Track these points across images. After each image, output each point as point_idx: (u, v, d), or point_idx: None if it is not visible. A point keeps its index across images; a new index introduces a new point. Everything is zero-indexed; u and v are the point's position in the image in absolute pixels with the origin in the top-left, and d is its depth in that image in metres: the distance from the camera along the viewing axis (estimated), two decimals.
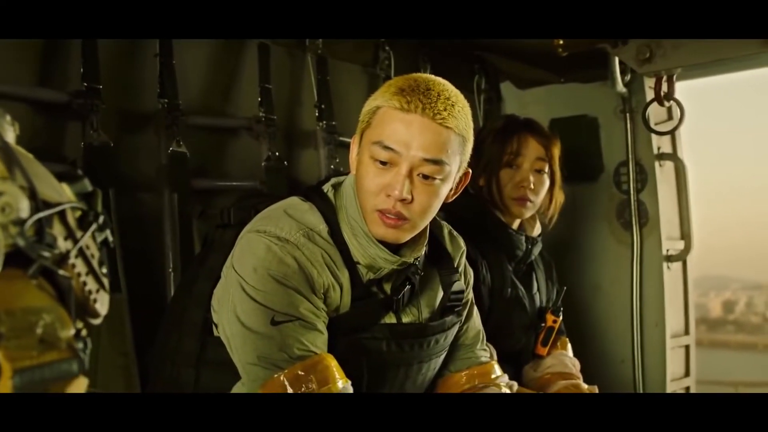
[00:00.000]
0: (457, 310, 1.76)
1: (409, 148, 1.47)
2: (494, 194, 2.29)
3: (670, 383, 3.00)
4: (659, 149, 3.02)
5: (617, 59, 2.70)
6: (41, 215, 0.71)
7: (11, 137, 0.79)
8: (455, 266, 1.79)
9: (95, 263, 0.81)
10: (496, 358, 1.93)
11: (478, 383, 1.81)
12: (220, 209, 1.80)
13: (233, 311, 1.49)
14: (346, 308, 1.57)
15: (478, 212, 2.28)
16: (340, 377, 1.47)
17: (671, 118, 2.95)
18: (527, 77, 3.28)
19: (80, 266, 0.78)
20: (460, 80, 1.66)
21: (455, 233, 1.85)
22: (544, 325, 2.35)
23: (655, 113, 2.81)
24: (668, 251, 3.02)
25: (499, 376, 1.84)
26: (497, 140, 2.31)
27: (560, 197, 2.39)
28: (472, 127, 1.57)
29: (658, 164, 3.01)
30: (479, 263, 2.17)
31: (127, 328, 2.05)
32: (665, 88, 2.55)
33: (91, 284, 0.80)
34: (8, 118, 0.80)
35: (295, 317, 1.47)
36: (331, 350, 1.51)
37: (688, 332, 3.13)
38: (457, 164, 1.54)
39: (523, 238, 2.31)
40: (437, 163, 1.48)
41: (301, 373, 1.44)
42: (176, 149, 2.28)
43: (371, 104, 1.55)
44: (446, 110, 1.47)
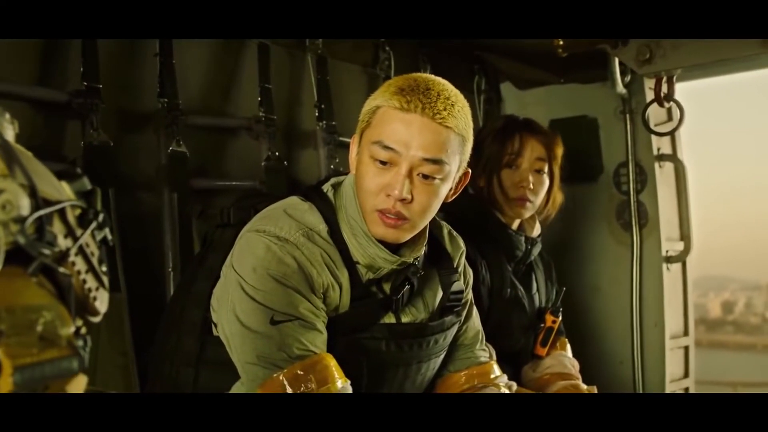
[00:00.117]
0: (456, 310, 1.75)
1: (408, 147, 1.47)
2: (494, 194, 2.29)
3: (669, 384, 3.00)
4: (659, 150, 3.02)
5: (617, 60, 2.70)
6: (42, 213, 0.71)
7: (11, 136, 0.79)
8: (455, 266, 1.79)
9: (95, 261, 0.81)
10: (495, 358, 1.93)
11: (477, 383, 1.80)
12: (219, 209, 1.80)
13: (232, 311, 1.49)
14: (345, 308, 1.57)
15: (477, 212, 2.28)
16: (339, 377, 1.47)
17: (671, 119, 2.95)
18: (527, 78, 3.27)
19: (80, 264, 0.78)
20: (460, 80, 1.66)
21: (455, 233, 1.85)
22: (543, 325, 2.35)
23: (654, 114, 2.81)
24: (668, 252, 3.02)
25: (498, 376, 1.84)
26: (497, 140, 2.31)
27: (559, 197, 2.39)
28: (471, 126, 1.57)
29: (657, 165, 3.01)
30: (479, 263, 2.17)
31: (126, 327, 2.05)
32: (665, 89, 2.55)
33: (90, 282, 0.80)
34: (8, 116, 0.81)
35: (294, 317, 1.47)
36: (330, 350, 1.51)
37: (687, 333, 3.13)
38: (456, 164, 1.54)
39: (522, 238, 2.31)
40: (437, 162, 1.48)
41: (300, 372, 1.44)
42: (176, 149, 2.28)
43: (371, 104, 1.54)
44: (446, 110, 1.47)
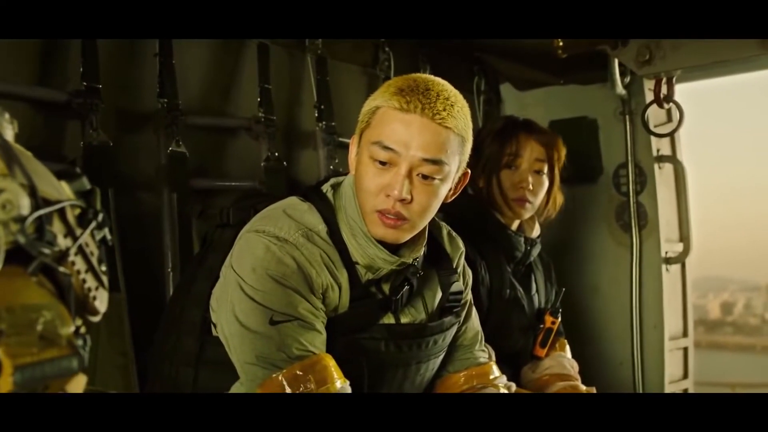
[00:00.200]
0: (455, 310, 1.75)
1: (408, 148, 1.46)
2: (493, 195, 2.29)
3: (668, 385, 3.00)
4: (658, 151, 3.02)
5: (617, 61, 2.70)
6: (42, 212, 0.71)
7: (10, 135, 0.79)
8: (454, 267, 1.79)
9: (94, 261, 0.81)
10: (494, 359, 1.93)
11: (476, 384, 1.80)
12: (219, 209, 1.80)
13: (232, 311, 1.49)
14: (344, 308, 1.57)
15: (477, 213, 2.28)
16: (338, 377, 1.47)
17: (670, 120, 2.95)
18: (527, 78, 3.27)
19: (80, 264, 0.78)
20: (459, 81, 1.66)
21: (454, 234, 1.84)
22: (542, 326, 2.35)
23: (654, 115, 2.81)
24: (667, 253, 3.02)
25: (497, 377, 1.84)
26: (496, 141, 2.31)
27: (559, 198, 2.39)
28: (471, 127, 1.57)
29: (657, 166, 3.01)
30: (478, 264, 2.17)
31: (125, 327, 2.05)
32: (665, 90, 2.56)
33: (90, 282, 0.80)
34: (7, 116, 0.81)
35: (293, 317, 1.47)
36: (329, 350, 1.51)
37: (686, 334, 3.13)
38: (456, 164, 1.54)
39: (522, 239, 2.31)
40: (436, 163, 1.48)
41: (299, 372, 1.44)
42: (175, 149, 2.28)
43: (370, 104, 1.54)
44: (445, 110, 1.47)
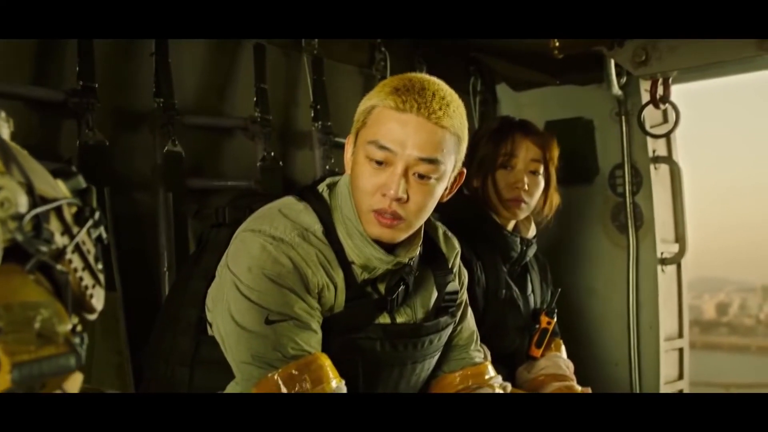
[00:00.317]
0: (451, 310, 1.76)
1: (404, 147, 1.47)
2: (489, 195, 2.29)
3: (663, 386, 3.00)
4: (654, 152, 3.02)
5: (613, 62, 2.71)
6: (39, 210, 0.71)
7: (6, 134, 0.79)
8: (450, 267, 1.79)
9: (91, 259, 0.81)
10: (490, 359, 1.93)
11: (471, 384, 1.81)
12: (215, 209, 1.80)
13: (228, 310, 1.49)
14: (340, 308, 1.57)
15: (472, 213, 2.28)
16: (333, 377, 1.47)
17: (666, 121, 2.95)
18: (523, 79, 3.28)
19: (77, 261, 0.78)
20: (455, 82, 1.66)
21: (450, 234, 1.85)
22: (538, 326, 2.35)
23: (650, 116, 2.82)
24: (663, 254, 3.03)
25: (492, 377, 1.84)
26: (492, 141, 2.31)
27: (556, 199, 2.39)
28: (467, 126, 1.57)
29: (653, 167, 3.02)
30: (474, 264, 2.17)
31: (121, 326, 2.05)
32: (661, 90, 2.56)
33: (87, 279, 0.80)
34: (3, 114, 0.81)
35: (289, 317, 1.47)
36: (325, 350, 1.51)
37: (681, 335, 3.14)
38: (452, 163, 1.54)
39: (518, 239, 2.31)
40: (432, 162, 1.48)
41: (295, 372, 1.44)
42: (171, 148, 2.28)
43: (366, 104, 1.55)
44: (441, 109, 1.47)
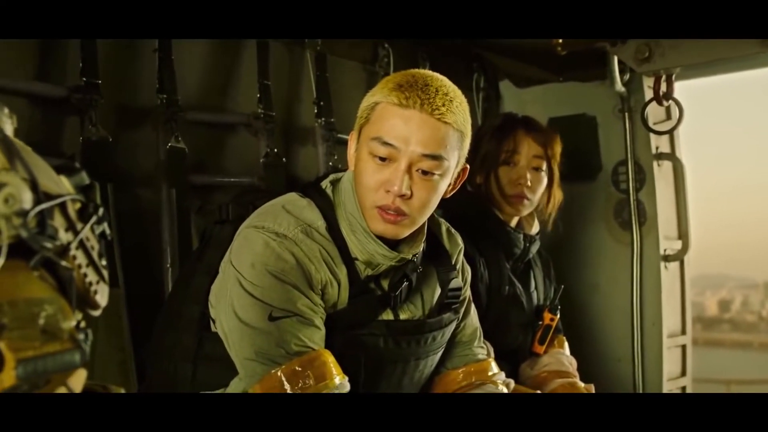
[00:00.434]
0: (454, 307, 1.75)
1: (407, 143, 1.47)
2: (492, 192, 2.29)
3: (666, 383, 3.00)
4: (658, 149, 3.01)
5: (616, 58, 2.70)
6: (44, 206, 0.71)
7: (9, 130, 0.79)
8: (453, 263, 1.79)
9: (95, 255, 0.81)
10: (493, 355, 1.93)
11: (474, 380, 1.80)
12: (218, 205, 1.80)
13: (231, 306, 1.49)
14: (343, 304, 1.57)
15: (476, 210, 2.28)
16: (337, 373, 1.47)
17: (670, 117, 2.95)
18: (526, 76, 3.27)
19: (81, 258, 0.78)
20: (458, 78, 1.66)
21: (453, 230, 1.84)
22: (541, 323, 2.35)
23: (653, 113, 2.81)
24: (666, 251, 3.02)
25: (495, 373, 1.84)
26: (495, 138, 2.31)
27: (559, 195, 2.39)
28: (470, 122, 1.57)
29: (656, 164, 3.01)
30: (477, 261, 2.17)
31: (124, 323, 2.06)
32: (664, 87, 2.55)
33: (91, 276, 0.80)
34: (6, 111, 0.81)
35: (292, 313, 1.47)
36: (328, 346, 1.51)
37: (684, 332, 3.13)
38: (455, 159, 1.54)
39: (521, 236, 2.31)
40: (436, 158, 1.48)
41: (298, 368, 1.44)
42: (175, 145, 2.29)
43: (369, 100, 1.54)
44: (444, 105, 1.47)
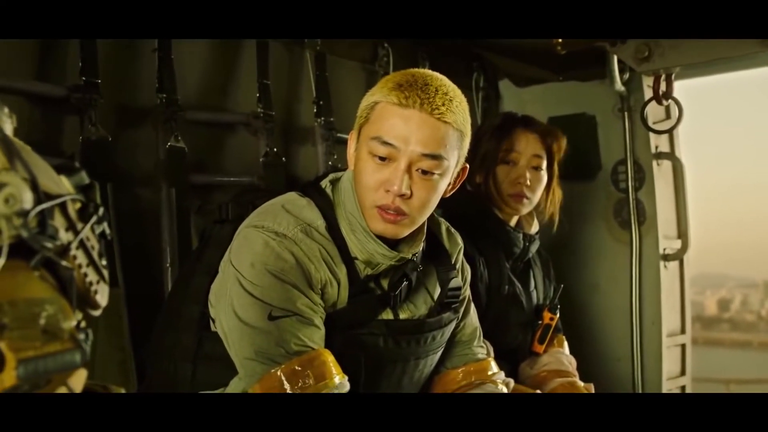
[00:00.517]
0: (454, 306, 1.75)
1: (407, 143, 1.46)
2: (491, 191, 2.29)
3: (666, 382, 3.00)
4: (657, 148, 3.02)
5: (616, 58, 2.71)
6: (44, 206, 0.71)
7: (9, 130, 0.79)
8: (452, 263, 1.79)
9: (95, 255, 0.81)
10: (492, 355, 1.93)
11: (474, 380, 1.80)
12: (217, 204, 1.80)
13: (230, 306, 1.49)
14: (343, 304, 1.57)
15: (475, 209, 2.28)
16: (336, 373, 1.47)
17: (669, 117, 2.95)
18: (526, 75, 3.27)
19: (81, 258, 0.78)
20: (458, 78, 1.66)
21: (453, 230, 1.84)
22: (541, 322, 2.35)
23: (653, 112, 2.81)
24: (665, 250, 3.02)
25: (495, 372, 1.84)
26: (494, 137, 2.31)
27: (558, 194, 2.39)
28: (469, 121, 1.57)
29: (655, 163, 3.01)
30: (477, 260, 2.17)
31: (124, 322, 2.06)
32: (664, 86, 2.55)
33: (91, 275, 0.80)
34: (6, 110, 0.80)
35: (292, 312, 1.47)
36: (328, 346, 1.51)
37: (684, 331, 3.14)
38: (455, 159, 1.54)
39: (520, 235, 2.31)
40: (436, 158, 1.48)
41: (298, 368, 1.44)
42: (174, 144, 2.29)
43: (369, 100, 1.54)
44: (444, 105, 1.47)
